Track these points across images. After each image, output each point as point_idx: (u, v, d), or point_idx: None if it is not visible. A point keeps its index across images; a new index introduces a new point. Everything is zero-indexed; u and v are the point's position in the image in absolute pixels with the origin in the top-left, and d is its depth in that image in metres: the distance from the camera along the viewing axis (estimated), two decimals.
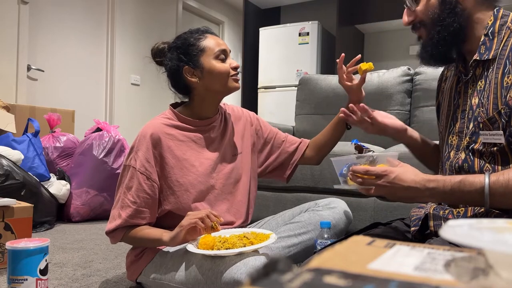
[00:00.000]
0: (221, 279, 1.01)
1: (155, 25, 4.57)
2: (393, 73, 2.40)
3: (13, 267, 1.05)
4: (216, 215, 1.10)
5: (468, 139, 0.94)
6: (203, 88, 1.24)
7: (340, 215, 1.35)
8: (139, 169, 1.18)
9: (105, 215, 2.59)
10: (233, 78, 1.25)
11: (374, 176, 0.90)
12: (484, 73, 0.93)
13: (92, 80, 3.95)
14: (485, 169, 0.91)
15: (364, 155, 1.01)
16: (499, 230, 0.37)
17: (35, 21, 3.42)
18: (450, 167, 0.98)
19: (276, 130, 1.46)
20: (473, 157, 0.93)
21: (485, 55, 0.92)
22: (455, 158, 0.97)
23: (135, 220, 1.17)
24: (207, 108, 1.28)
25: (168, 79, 1.30)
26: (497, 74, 0.89)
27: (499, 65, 0.89)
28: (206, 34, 1.26)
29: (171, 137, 1.23)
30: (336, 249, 0.38)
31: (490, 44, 0.92)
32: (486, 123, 0.90)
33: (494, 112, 0.88)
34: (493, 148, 0.89)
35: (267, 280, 0.28)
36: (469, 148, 0.94)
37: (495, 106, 0.88)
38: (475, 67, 0.95)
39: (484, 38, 0.93)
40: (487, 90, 0.91)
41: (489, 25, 0.93)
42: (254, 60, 4.53)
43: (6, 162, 2.12)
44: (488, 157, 0.91)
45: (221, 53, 1.23)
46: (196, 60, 1.22)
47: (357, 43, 4.50)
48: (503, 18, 0.93)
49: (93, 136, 2.63)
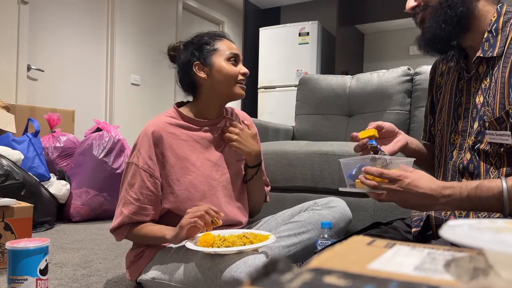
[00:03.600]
0: (221, 278, 1.01)
1: (155, 25, 4.57)
2: (393, 73, 2.40)
3: (13, 267, 1.05)
4: (215, 210, 1.10)
5: (473, 138, 0.92)
6: (209, 86, 1.25)
7: (340, 214, 1.35)
8: (142, 166, 1.18)
9: (105, 215, 2.59)
10: (240, 85, 1.26)
11: (387, 179, 0.84)
12: (489, 71, 0.91)
13: (92, 80, 3.95)
14: (491, 170, 0.89)
15: (378, 157, 0.93)
16: (499, 230, 0.37)
17: (35, 21, 3.42)
18: (454, 167, 0.97)
19: None
20: (479, 158, 0.91)
21: (488, 52, 0.90)
22: (459, 158, 0.95)
23: (138, 217, 1.18)
24: (211, 108, 1.29)
25: (177, 74, 1.31)
26: (504, 73, 0.87)
27: (505, 63, 0.88)
28: (223, 38, 1.30)
29: (174, 136, 1.23)
30: (336, 249, 0.38)
31: (494, 41, 0.90)
32: (493, 123, 0.88)
33: (502, 112, 0.87)
34: (500, 149, 0.87)
35: (267, 280, 0.28)
36: (475, 148, 0.92)
37: (502, 106, 0.87)
38: (478, 64, 0.93)
39: (488, 34, 0.91)
40: (493, 89, 0.89)
41: (492, 22, 0.91)
42: (254, 60, 4.53)
43: (6, 162, 2.12)
44: (494, 157, 0.89)
45: (233, 56, 1.26)
46: (208, 58, 1.24)
47: (357, 43, 4.50)
48: (507, 15, 0.91)
49: (93, 136, 2.63)
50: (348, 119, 2.53)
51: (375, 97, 2.40)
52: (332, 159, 1.92)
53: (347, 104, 2.52)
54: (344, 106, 2.53)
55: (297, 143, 2.13)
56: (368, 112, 2.43)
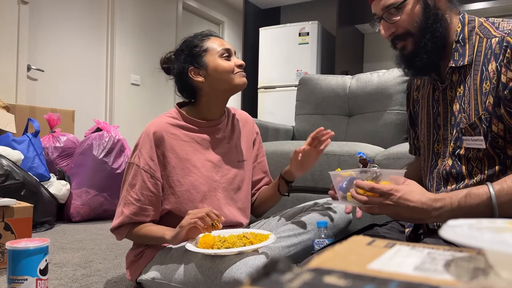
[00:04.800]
0: (221, 279, 1.01)
1: (155, 25, 4.57)
2: (393, 73, 2.40)
3: (13, 267, 1.05)
4: (216, 213, 1.10)
5: (452, 145, 0.94)
6: (209, 87, 1.25)
7: (340, 214, 1.35)
8: (143, 167, 1.18)
9: (105, 215, 2.59)
10: (239, 74, 1.25)
11: (378, 194, 0.85)
12: (462, 79, 0.93)
13: (92, 80, 3.95)
14: (473, 173, 0.91)
15: (367, 170, 0.93)
16: (499, 230, 0.37)
17: (35, 21, 3.42)
18: (438, 174, 0.98)
19: (263, 150, 1.47)
20: (460, 163, 0.93)
21: (459, 61, 0.93)
22: (442, 165, 0.97)
23: (139, 218, 1.18)
24: (214, 109, 1.29)
25: (175, 85, 1.31)
26: (475, 80, 0.90)
27: (476, 71, 0.90)
28: (209, 36, 1.29)
29: (175, 137, 1.23)
30: (336, 249, 0.38)
31: (462, 50, 0.93)
32: (467, 129, 0.90)
33: (475, 118, 0.89)
34: (479, 153, 0.89)
35: (267, 280, 0.28)
36: (455, 154, 0.94)
37: (477, 112, 0.89)
38: (451, 73, 0.95)
39: (456, 45, 0.94)
40: (467, 96, 0.91)
41: (458, 32, 0.94)
42: (254, 60, 4.53)
43: (6, 162, 2.12)
44: (475, 161, 0.91)
45: (225, 52, 1.25)
46: (201, 60, 1.24)
47: (357, 43, 4.50)
48: (470, 24, 0.94)
49: (93, 136, 2.63)
50: (348, 119, 2.53)
51: (375, 97, 2.40)
52: (332, 159, 1.92)
53: (347, 104, 2.52)
54: (344, 106, 2.54)
55: (297, 143, 2.13)
56: (368, 112, 2.43)
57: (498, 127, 0.86)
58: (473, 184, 0.90)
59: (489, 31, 0.90)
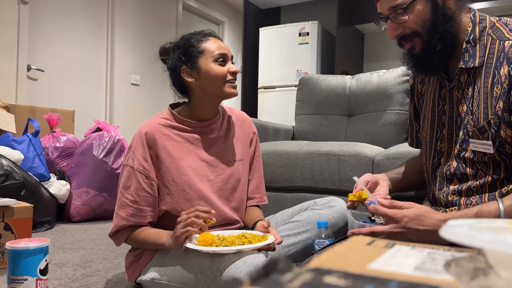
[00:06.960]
0: (221, 278, 1.01)
1: (155, 25, 4.57)
2: (393, 73, 2.40)
3: (13, 267, 1.05)
4: (204, 210, 1.08)
5: (458, 146, 0.93)
6: (200, 89, 1.24)
7: (340, 214, 1.35)
8: (137, 168, 1.18)
9: (105, 215, 2.59)
10: (230, 84, 1.23)
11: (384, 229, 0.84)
12: (471, 81, 0.92)
13: (92, 80, 3.95)
14: (478, 175, 0.90)
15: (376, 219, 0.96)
16: (499, 230, 0.37)
17: (35, 21, 3.42)
18: (441, 174, 0.97)
19: (259, 151, 1.45)
20: (465, 165, 0.92)
21: (470, 62, 0.91)
22: (446, 166, 0.96)
23: (136, 219, 1.18)
24: (205, 109, 1.28)
25: (169, 78, 1.31)
26: (486, 83, 0.88)
27: (487, 74, 0.88)
28: (209, 36, 1.26)
29: (167, 137, 1.23)
30: (336, 249, 0.38)
31: (473, 51, 0.90)
32: (475, 132, 0.89)
33: (484, 122, 0.87)
34: (484, 157, 0.88)
35: (267, 280, 0.28)
36: (460, 156, 0.93)
37: (486, 115, 0.87)
38: (459, 74, 0.94)
39: (466, 45, 0.91)
40: (477, 99, 0.90)
41: (469, 32, 0.91)
42: (254, 60, 4.53)
43: (6, 162, 2.11)
44: (480, 164, 0.90)
45: (220, 57, 1.22)
46: (194, 61, 1.23)
47: (357, 43, 4.50)
48: (481, 23, 0.91)
49: (93, 136, 2.63)
50: (348, 119, 2.53)
51: (375, 97, 2.40)
52: (332, 159, 1.92)
53: (347, 104, 2.52)
54: (344, 106, 2.53)
55: (297, 143, 2.13)
56: (368, 112, 2.43)
57: (506, 133, 0.85)
58: (476, 186, 0.89)
59: (502, 32, 0.88)
